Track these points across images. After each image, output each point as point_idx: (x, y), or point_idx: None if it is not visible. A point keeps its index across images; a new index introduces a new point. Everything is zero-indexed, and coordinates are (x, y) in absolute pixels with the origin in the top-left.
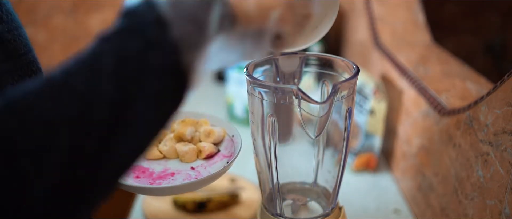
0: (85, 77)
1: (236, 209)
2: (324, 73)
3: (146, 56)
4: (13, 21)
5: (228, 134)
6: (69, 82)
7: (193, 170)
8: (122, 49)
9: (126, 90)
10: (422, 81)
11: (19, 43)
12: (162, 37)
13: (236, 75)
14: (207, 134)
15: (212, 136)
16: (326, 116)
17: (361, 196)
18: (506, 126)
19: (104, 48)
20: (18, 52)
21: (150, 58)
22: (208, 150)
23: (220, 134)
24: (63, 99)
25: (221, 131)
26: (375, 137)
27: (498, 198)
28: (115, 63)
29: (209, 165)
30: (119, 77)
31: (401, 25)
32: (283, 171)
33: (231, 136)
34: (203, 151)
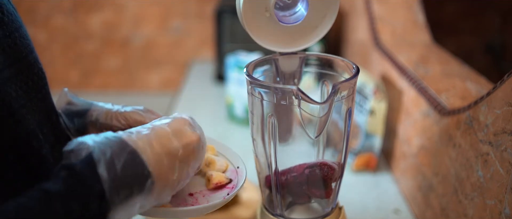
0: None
1: (236, 209)
2: (324, 73)
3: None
4: (14, 21)
5: (232, 164)
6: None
7: (191, 196)
8: (64, 214)
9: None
10: (422, 81)
11: (20, 46)
12: (100, 211)
13: (236, 75)
14: (208, 163)
15: (212, 166)
16: (326, 116)
17: (361, 196)
18: (506, 126)
19: (49, 207)
20: (20, 55)
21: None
22: (216, 179)
23: (221, 164)
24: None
25: (224, 162)
26: (375, 137)
27: (498, 198)
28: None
29: (208, 194)
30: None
31: (401, 25)
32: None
33: (237, 167)
34: (211, 179)
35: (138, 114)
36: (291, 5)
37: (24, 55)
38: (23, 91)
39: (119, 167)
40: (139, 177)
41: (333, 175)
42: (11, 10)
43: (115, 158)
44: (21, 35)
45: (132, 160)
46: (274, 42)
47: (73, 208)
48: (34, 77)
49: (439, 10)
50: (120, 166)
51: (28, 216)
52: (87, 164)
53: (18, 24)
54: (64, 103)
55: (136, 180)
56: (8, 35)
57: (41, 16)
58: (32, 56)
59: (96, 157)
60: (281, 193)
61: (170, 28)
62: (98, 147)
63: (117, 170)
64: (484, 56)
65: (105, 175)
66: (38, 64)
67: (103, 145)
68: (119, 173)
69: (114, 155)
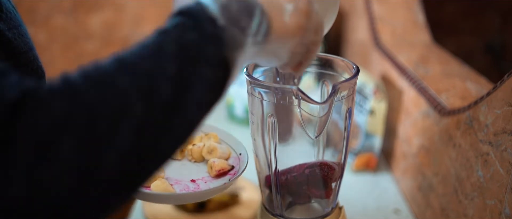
0: (152, 58)
1: (236, 209)
2: (324, 73)
3: (202, 46)
4: (12, 19)
5: (235, 151)
6: (139, 63)
7: (193, 182)
8: (182, 39)
9: (186, 73)
10: (422, 81)
11: (19, 42)
12: (215, 33)
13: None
14: (210, 150)
15: (214, 154)
16: (326, 116)
17: (361, 196)
18: (506, 126)
19: (166, 37)
20: (19, 51)
21: (206, 49)
22: (218, 166)
23: (224, 152)
24: (135, 76)
25: (226, 149)
26: (375, 137)
27: (498, 198)
28: (177, 49)
29: (211, 180)
30: (181, 61)
31: (401, 25)
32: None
33: (239, 154)
34: (213, 167)
35: None
36: None
37: (23, 52)
38: None
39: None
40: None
41: (333, 175)
42: (10, 9)
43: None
44: (20, 32)
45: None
46: None
47: (191, 36)
48: (32, 75)
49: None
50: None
51: (149, 48)
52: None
53: (17, 22)
54: None
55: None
56: (8, 30)
57: (41, 16)
58: (32, 54)
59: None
60: (281, 193)
61: None
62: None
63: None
64: (484, 56)
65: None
66: (37, 62)
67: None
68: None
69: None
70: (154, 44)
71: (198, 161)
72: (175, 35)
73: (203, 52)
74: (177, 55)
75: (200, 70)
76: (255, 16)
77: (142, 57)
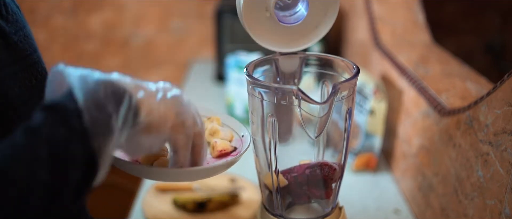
0: (24, 166)
1: (236, 209)
2: (324, 73)
3: (70, 145)
4: (18, 21)
5: (237, 134)
6: (7, 171)
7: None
8: (52, 138)
9: (57, 176)
10: (422, 81)
11: (24, 44)
12: (81, 128)
13: (236, 75)
14: (212, 132)
15: (216, 136)
16: (326, 116)
17: (361, 196)
18: (506, 126)
19: (37, 139)
20: (24, 54)
21: (74, 148)
22: (220, 146)
23: (226, 134)
24: (5, 187)
25: (228, 132)
26: (375, 137)
27: (498, 198)
28: (49, 153)
29: (213, 161)
30: (53, 166)
31: (401, 25)
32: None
33: (241, 136)
34: (215, 147)
35: None
36: (291, 5)
37: (28, 54)
38: (26, 89)
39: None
40: (115, 93)
41: (334, 175)
42: (15, 10)
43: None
44: (25, 34)
45: (108, 83)
46: (274, 42)
47: (59, 132)
48: (37, 76)
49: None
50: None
51: (20, 151)
52: (63, 95)
53: (22, 24)
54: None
55: (113, 97)
56: (13, 33)
57: (41, 16)
58: (36, 55)
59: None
60: (281, 193)
61: (170, 28)
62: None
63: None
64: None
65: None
66: (41, 63)
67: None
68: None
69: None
70: (26, 147)
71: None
72: (45, 134)
73: (72, 152)
74: (49, 160)
75: (70, 174)
76: (124, 102)
77: (15, 165)
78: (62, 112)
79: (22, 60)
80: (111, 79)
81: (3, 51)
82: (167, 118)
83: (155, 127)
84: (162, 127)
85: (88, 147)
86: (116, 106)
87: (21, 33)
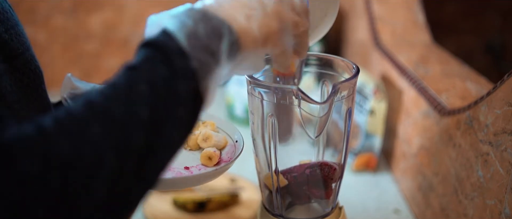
0: (124, 104)
1: (236, 209)
2: (324, 73)
3: (173, 83)
4: (9, 19)
5: (231, 139)
6: (110, 109)
7: (187, 169)
8: (153, 77)
9: (158, 116)
10: (422, 81)
11: (16, 42)
12: (184, 66)
13: (236, 76)
14: (205, 138)
15: (209, 141)
16: (326, 116)
17: (361, 196)
18: (506, 126)
19: (136, 76)
20: (16, 52)
21: (177, 86)
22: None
23: (219, 140)
24: (107, 125)
25: (222, 138)
26: (375, 137)
27: (498, 198)
28: (148, 90)
29: (204, 168)
30: (152, 103)
31: (401, 25)
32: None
33: (235, 141)
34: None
35: None
36: None
37: (20, 52)
38: (17, 87)
39: (192, 24)
40: (215, 27)
41: (334, 175)
42: (7, 8)
43: (187, 18)
44: (17, 32)
45: (205, 16)
46: None
47: (160, 72)
48: (30, 75)
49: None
50: (194, 23)
51: (120, 90)
52: (162, 34)
53: (14, 22)
54: (69, 88)
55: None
56: (4, 31)
57: (41, 16)
58: (29, 54)
59: (171, 27)
60: (281, 193)
61: None
62: (169, 20)
63: (190, 25)
64: (484, 56)
65: (181, 35)
66: (35, 62)
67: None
68: (193, 29)
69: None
70: (125, 85)
71: (194, 149)
72: (145, 73)
73: (175, 90)
74: (149, 97)
75: (173, 112)
76: (224, 36)
77: (113, 101)
78: (163, 50)
79: (14, 58)
80: (208, 13)
81: None
82: (269, 36)
83: (257, 52)
84: (264, 50)
85: (192, 85)
86: (218, 42)
87: (13, 31)
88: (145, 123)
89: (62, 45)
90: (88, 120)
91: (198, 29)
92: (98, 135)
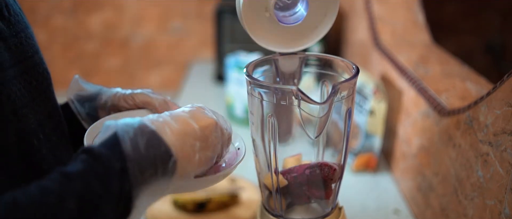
0: (49, 215)
1: (236, 209)
2: (324, 73)
3: (104, 205)
4: (20, 22)
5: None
6: (35, 218)
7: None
8: (84, 193)
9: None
10: (422, 81)
11: (26, 45)
12: (121, 189)
13: (236, 75)
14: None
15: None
16: (326, 116)
17: (361, 196)
18: (506, 126)
19: (68, 188)
20: (25, 55)
21: (107, 208)
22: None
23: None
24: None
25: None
26: (375, 137)
27: (498, 198)
28: (76, 207)
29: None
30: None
31: (401, 25)
32: None
33: (237, 149)
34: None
35: (146, 95)
36: (291, 5)
37: (29, 55)
38: (26, 90)
39: (143, 145)
40: (162, 156)
41: (334, 175)
42: (18, 11)
43: (138, 136)
44: (27, 35)
45: (154, 139)
46: (274, 42)
47: (93, 187)
48: (38, 78)
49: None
50: (144, 145)
51: (50, 197)
52: (109, 144)
53: (24, 25)
54: (76, 90)
55: (159, 159)
56: (15, 35)
57: (41, 16)
58: (38, 57)
59: (120, 135)
60: (281, 193)
61: (170, 28)
62: (121, 127)
63: (141, 148)
64: (484, 56)
65: (130, 152)
66: (43, 64)
67: (125, 126)
68: (143, 151)
69: (137, 134)
70: (56, 196)
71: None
72: (78, 188)
73: (102, 212)
74: (77, 216)
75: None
76: (168, 166)
77: (40, 209)
78: (104, 168)
79: (23, 61)
80: (162, 142)
81: (5, 53)
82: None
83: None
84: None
85: (122, 208)
86: (163, 169)
87: (23, 34)
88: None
89: (62, 45)
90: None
91: (149, 155)
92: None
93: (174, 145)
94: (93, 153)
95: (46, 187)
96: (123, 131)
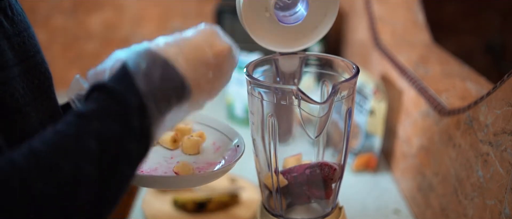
0: (70, 158)
1: (236, 209)
2: (324, 73)
3: (126, 144)
4: (22, 22)
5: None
6: (55, 163)
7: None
8: (104, 133)
9: (106, 173)
10: (422, 81)
11: (28, 45)
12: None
13: (236, 75)
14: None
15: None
16: (326, 116)
17: (361, 196)
18: (506, 126)
19: (86, 128)
20: (27, 54)
21: (129, 147)
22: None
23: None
24: (52, 181)
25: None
26: (375, 137)
27: (498, 198)
28: (98, 148)
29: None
30: (101, 162)
31: (401, 25)
32: None
33: (237, 146)
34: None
35: None
36: (291, 5)
37: (31, 55)
38: (29, 89)
39: (157, 78)
40: (176, 89)
41: (334, 175)
42: (20, 11)
43: (151, 69)
44: (29, 35)
45: (168, 70)
46: (274, 42)
47: (113, 128)
48: (40, 77)
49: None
50: (158, 78)
51: (68, 143)
52: (121, 79)
53: (27, 24)
54: (77, 90)
55: (174, 92)
56: (18, 34)
57: (41, 16)
58: (39, 56)
59: (132, 68)
60: (281, 193)
61: (170, 28)
62: (132, 58)
63: (156, 82)
64: (484, 56)
65: (144, 87)
66: (44, 64)
67: (136, 56)
68: (158, 85)
69: (150, 66)
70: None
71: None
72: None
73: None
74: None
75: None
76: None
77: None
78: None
79: (26, 61)
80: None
81: (8, 52)
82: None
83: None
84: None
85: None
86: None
87: (26, 34)
88: (93, 181)
89: (62, 45)
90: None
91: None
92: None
93: (188, 75)
94: (107, 90)
95: (61, 130)
96: (135, 64)
